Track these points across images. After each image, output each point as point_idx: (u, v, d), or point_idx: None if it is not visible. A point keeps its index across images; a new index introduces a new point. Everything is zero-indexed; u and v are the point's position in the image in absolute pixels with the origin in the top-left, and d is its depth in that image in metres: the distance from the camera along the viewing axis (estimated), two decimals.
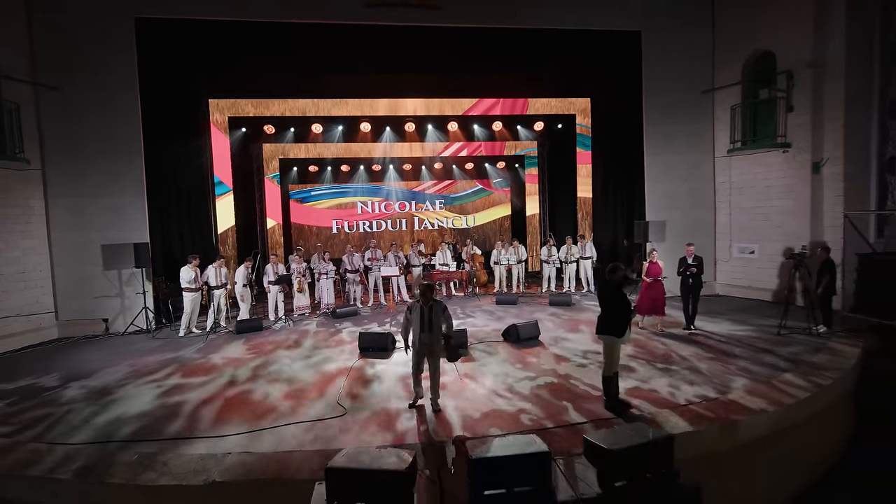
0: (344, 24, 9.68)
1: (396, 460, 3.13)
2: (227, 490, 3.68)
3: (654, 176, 10.78)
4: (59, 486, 3.81)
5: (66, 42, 8.71)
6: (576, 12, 10.05)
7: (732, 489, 4.38)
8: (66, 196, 8.93)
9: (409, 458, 3.16)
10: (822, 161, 9.07)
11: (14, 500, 3.86)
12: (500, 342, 7.44)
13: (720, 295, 10.69)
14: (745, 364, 6.10)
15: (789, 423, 4.90)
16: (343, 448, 3.43)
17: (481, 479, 3.11)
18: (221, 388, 5.84)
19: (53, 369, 6.82)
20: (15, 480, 3.90)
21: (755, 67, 10.12)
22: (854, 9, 8.62)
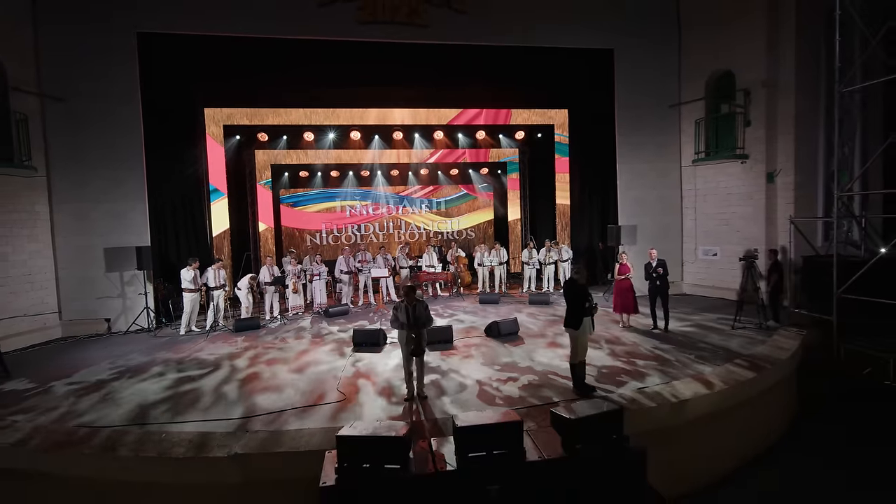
0: (336, 41, 10.28)
1: (394, 430, 3.77)
2: (246, 460, 4.28)
3: (626, 183, 11.59)
4: (107, 460, 4.36)
5: (71, 55, 9.16)
6: (554, 31, 10.80)
7: (680, 458, 5.10)
8: (70, 202, 9.38)
9: (405, 428, 3.80)
10: (775, 171, 9.96)
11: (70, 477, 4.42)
12: (482, 337, 8.12)
13: (687, 294, 11.52)
14: (699, 354, 6.87)
15: (732, 403, 5.66)
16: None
17: (465, 444, 3.77)
18: (232, 377, 6.41)
19: (99, 360, 7.32)
20: (77, 456, 4.45)
21: (717, 85, 10.99)
22: (803, 34, 9.52)
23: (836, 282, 7.61)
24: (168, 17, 9.50)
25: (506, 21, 10.61)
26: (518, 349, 7.41)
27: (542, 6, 10.69)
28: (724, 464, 5.62)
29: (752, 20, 10.06)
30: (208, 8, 9.61)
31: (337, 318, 10.05)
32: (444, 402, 5.39)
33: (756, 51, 10.04)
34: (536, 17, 10.70)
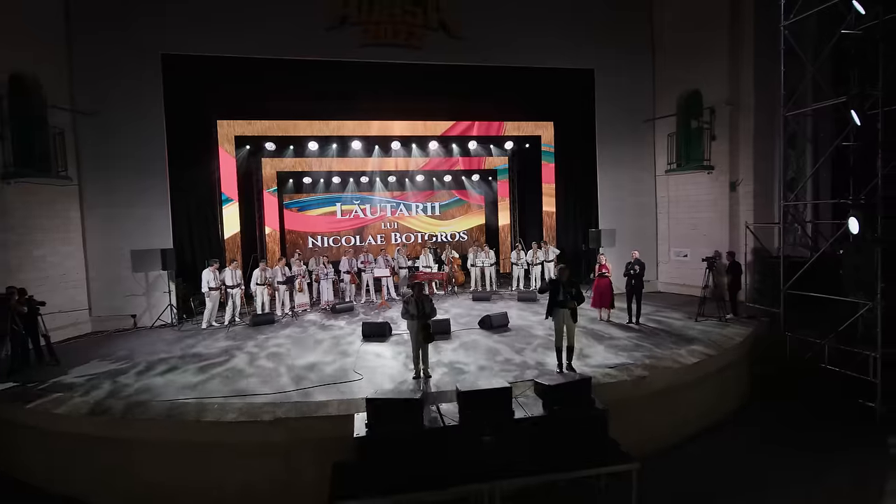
0: (342, 61, 11.25)
1: (410, 394, 4.80)
2: (286, 423, 5.27)
3: (606, 190, 12.71)
4: (176, 426, 5.34)
5: (101, 74, 10.02)
6: (540, 53, 11.86)
7: (642, 425, 6.16)
8: (99, 207, 10.25)
9: (418, 394, 4.83)
10: (737, 181, 11.13)
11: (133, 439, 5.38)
12: (476, 329, 9.16)
13: (661, 292, 12.65)
14: (664, 341, 7.97)
15: (687, 379, 6.76)
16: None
17: (466, 405, 4.80)
18: (262, 361, 7.39)
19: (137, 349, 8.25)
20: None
21: (687, 102, 12.15)
22: (760, 58, 10.65)
23: (783, 279, 8.75)
24: (190, 40, 10.41)
25: (496, 43, 11.63)
26: (508, 338, 8.47)
27: (528, 31, 11.74)
28: (679, 431, 6.71)
29: (716, 45, 11.21)
30: (225, 32, 10.52)
31: (343, 315, 11.03)
32: (446, 379, 6.42)
33: (720, 72, 11.21)
34: (524, 41, 11.75)
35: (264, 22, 10.69)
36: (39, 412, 5.81)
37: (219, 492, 5.33)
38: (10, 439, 6.19)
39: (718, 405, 7.39)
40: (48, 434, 5.85)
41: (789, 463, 6.20)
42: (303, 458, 5.30)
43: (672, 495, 5.58)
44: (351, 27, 11.04)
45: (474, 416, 4.79)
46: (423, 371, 6.55)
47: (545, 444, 4.86)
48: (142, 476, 5.50)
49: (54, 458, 5.89)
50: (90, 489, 5.71)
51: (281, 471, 5.31)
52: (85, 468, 5.74)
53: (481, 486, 4.69)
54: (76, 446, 5.75)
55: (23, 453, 6.12)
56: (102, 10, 9.97)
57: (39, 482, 6.00)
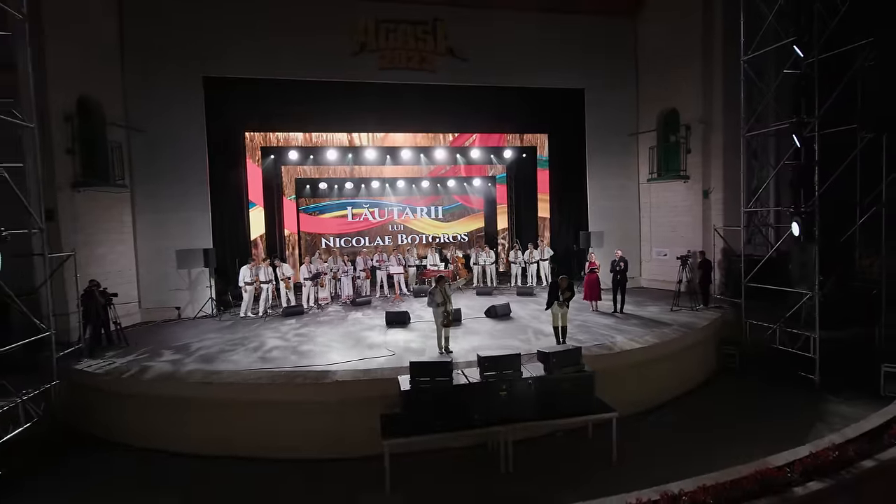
0: (361, 82, 12.65)
1: (442, 359, 6.24)
2: (344, 385, 6.69)
3: (595, 196, 14.22)
4: (250, 389, 6.74)
5: (150, 95, 11.35)
6: (537, 75, 13.32)
7: (628, 388, 7.62)
8: (148, 212, 11.58)
9: (449, 359, 6.27)
10: (709, 190, 12.69)
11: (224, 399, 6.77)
12: (483, 318, 10.61)
13: (644, 287, 14.17)
14: (643, 325, 9.48)
15: (659, 354, 8.25)
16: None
17: (485, 367, 6.25)
18: (303, 341, 8.79)
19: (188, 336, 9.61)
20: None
21: (666, 119, 13.71)
22: (729, 82, 12.15)
23: (743, 274, 10.28)
24: (227, 64, 11.75)
25: (497, 66, 13.10)
26: (511, 324, 9.94)
27: (526, 55, 13.20)
28: (657, 397, 8.19)
29: (690, 70, 12.78)
30: (257, 57, 11.82)
31: (362, 307, 12.44)
32: (463, 353, 7.86)
33: (693, 94, 12.77)
34: (522, 63, 13.21)
35: (292, 48, 12.05)
36: (132, 381, 7.19)
37: (286, 439, 6.73)
38: (105, 405, 7.54)
39: (689, 376, 8.91)
40: (137, 397, 7.22)
41: (744, 418, 7.70)
42: (353, 412, 6.71)
43: (645, 444, 7.04)
44: (370, 53, 12.47)
45: (491, 376, 6.23)
46: (445, 347, 7.99)
47: (546, 398, 6.31)
48: (219, 429, 6.87)
49: (142, 417, 7.24)
50: (170, 441, 7.03)
51: (336, 422, 6.73)
52: (169, 424, 7.09)
53: (498, 428, 6.14)
54: (162, 406, 7.12)
55: (115, 415, 7.46)
56: (151, 41, 11.29)
57: (126, 438, 7.30)
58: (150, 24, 11.29)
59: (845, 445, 4.69)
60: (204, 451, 6.88)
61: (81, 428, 7.54)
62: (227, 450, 6.79)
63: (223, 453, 6.79)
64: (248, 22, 11.75)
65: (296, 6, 12.00)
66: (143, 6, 11.27)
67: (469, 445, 6.72)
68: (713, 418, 7.80)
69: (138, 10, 11.27)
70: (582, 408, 6.42)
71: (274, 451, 6.68)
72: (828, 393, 8.39)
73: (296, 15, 12.00)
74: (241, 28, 11.71)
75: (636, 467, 6.13)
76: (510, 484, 6.14)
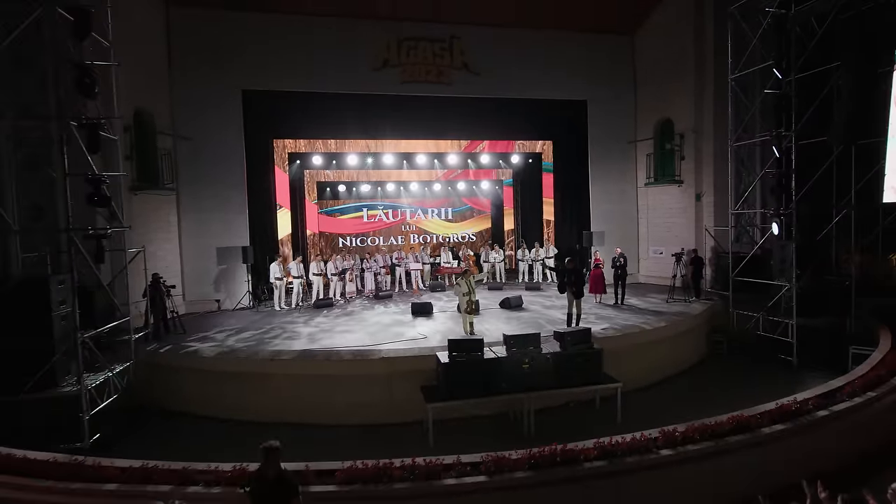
0: (383, 95, 13.82)
1: (475, 337, 7.40)
2: (390, 361, 7.85)
3: (596, 199, 15.44)
4: (307, 364, 7.88)
5: (195, 106, 12.48)
6: (543, 87, 14.53)
7: (629, 368, 8.77)
8: (192, 213, 12.70)
9: (481, 337, 7.44)
10: (701, 193, 13.92)
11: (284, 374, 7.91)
12: (498, 308, 11.79)
13: (642, 283, 15.36)
14: (641, 314, 10.67)
15: (657, 338, 9.44)
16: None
17: (510, 344, 7.42)
18: (343, 328, 9.94)
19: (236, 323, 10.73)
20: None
21: (661, 128, 14.94)
22: (718, 96, 13.38)
23: (731, 269, 11.50)
24: (264, 79, 12.91)
25: (507, 79, 14.29)
26: (524, 313, 11.14)
27: (534, 69, 14.37)
28: (655, 375, 9.38)
29: (684, 84, 14.00)
30: (291, 72, 13.01)
31: (384, 300, 13.58)
32: (488, 336, 9.03)
33: (687, 106, 14.00)
34: (530, 77, 14.41)
35: (321, 64, 13.21)
36: (201, 359, 8.32)
37: (340, 408, 7.87)
38: (174, 381, 8.65)
39: (683, 359, 10.12)
40: (207, 372, 8.35)
41: (730, 392, 8.87)
42: (398, 384, 7.86)
43: (645, 411, 8.21)
44: (392, 68, 13.64)
45: (516, 351, 7.40)
46: (469, 331, 9.16)
47: (562, 370, 7.49)
48: (280, 399, 8.00)
49: (206, 390, 8.36)
50: (234, 411, 8.15)
51: (383, 392, 7.88)
52: (232, 396, 8.22)
53: (522, 395, 7.31)
54: (225, 381, 8.24)
55: (183, 388, 8.56)
56: (195, 58, 12.42)
57: (190, 408, 8.39)
58: (194, 44, 12.42)
59: (805, 401, 5.89)
60: (263, 419, 7.96)
61: (152, 400, 8.64)
62: (286, 418, 7.88)
63: (282, 420, 7.88)
64: (283, 41, 12.90)
65: (326, 27, 13.16)
66: (188, 27, 12.39)
67: (494, 414, 7.86)
68: (704, 391, 9.00)
69: (184, 31, 12.39)
70: (592, 379, 7.59)
71: (330, 419, 7.80)
72: (803, 371, 9.60)
73: (326, 35, 13.16)
74: (276, 47, 12.85)
75: (638, 427, 7.26)
76: (532, 443, 7.27)
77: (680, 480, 4.89)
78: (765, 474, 5.10)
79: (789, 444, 5.37)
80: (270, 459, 3.64)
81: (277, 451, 3.65)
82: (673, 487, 4.86)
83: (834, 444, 5.66)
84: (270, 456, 3.64)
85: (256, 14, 12.76)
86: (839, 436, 5.64)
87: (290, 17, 12.95)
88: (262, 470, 3.70)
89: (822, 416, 5.66)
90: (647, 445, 4.94)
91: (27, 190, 8.00)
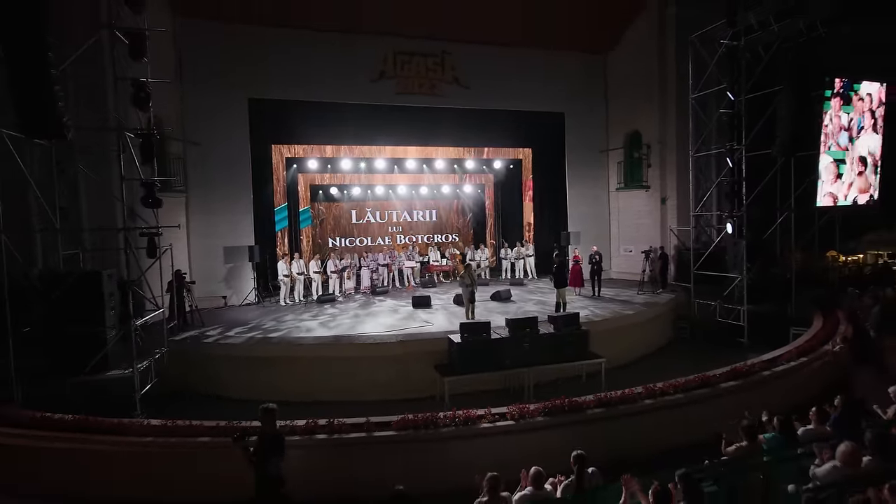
0: (377, 104, 14.88)
1: (482, 321, 8.61)
2: (405, 344, 8.95)
3: (573, 202, 16.93)
4: (333, 347, 8.90)
5: (204, 114, 13.22)
6: (526, 100, 15.87)
7: (609, 349, 10.13)
8: (201, 214, 13.42)
9: (488, 320, 8.65)
10: (665, 197, 15.58)
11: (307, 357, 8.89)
12: (490, 301, 13.04)
13: (614, 278, 16.91)
14: (616, 304, 12.13)
15: (630, 323, 10.89)
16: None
17: (512, 326, 8.66)
18: (353, 319, 10.96)
19: (245, 319, 11.55)
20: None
21: (631, 139, 16.57)
22: (680, 111, 15.05)
23: (692, 264, 13.11)
24: (268, 88, 13.76)
25: (493, 92, 15.57)
26: (512, 305, 12.44)
27: (517, 83, 15.71)
28: (630, 354, 10.80)
29: (650, 100, 15.64)
30: (293, 82, 13.90)
31: (381, 296, 14.62)
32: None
33: (653, 120, 15.65)
34: (514, 90, 15.71)
35: (321, 75, 14.17)
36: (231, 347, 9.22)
37: (359, 384, 8.91)
38: (206, 366, 9.49)
39: (652, 342, 11.62)
40: (241, 358, 9.24)
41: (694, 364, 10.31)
42: (412, 364, 8.96)
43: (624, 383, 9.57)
44: (388, 80, 14.73)
45: (517, 332, 8.64)
46: (471, 317, 10.37)
47: (556, 348, 8.77)
48: (307, 381, 8.98)
49: (239, 375, 9.25)
50: (263, 392, 9.04)
51: (400, 371, 8.97)
52: (264, 379, 9.13)
53: (523, 369, 8.54)
54: (258, 366, 9.16)
55: (221, 375, 9.41)
56: (204, 68, 13.18)
57: (220, 391, 9.25)
58: (203, 55, 13.17)
59: (753, 364, 7.37)
60: (292, 399, 8.88)
61: (186, 386, 9.45)
62: (315, 397, 8.84)
63: (310, 399, 8.85)
64: (287, 53, 13.78)
65: (329, 41, 14.14)
66: (197, 39, 13.13)
67: (497, 389, 9.05)
68: (672, 368, 10.34)
69: (193, 43, 13.12)
70: (581, 355, 8.92)
71: (353, 396, 8.80)
72: (754, 350, 11.20)
73: (329, 47, 14.14)
74: (281, 58, 13.72)
75: None
76: None
77: (659, 423, 6.23)
78: (722, 419, 6.48)
79: (741, 396, 6.80)
80: (268, 418, 4.63)
81: (274, 412, 4.67)
82: (654, 428, 6.19)
83: (777, 398, 7.13)
84: (268, 415, 4.64)
85: (264, 28, 13.60)
86: (780, 391, 7.12)
87: (297, 31, 13.86)
88: (261, 427, 4.66)
89: (766, 374, 7.15)
90: (633, 397, 6.26)
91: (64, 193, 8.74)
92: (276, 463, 4.49)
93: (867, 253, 17.46)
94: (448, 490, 4.84)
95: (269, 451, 4.50)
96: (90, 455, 5.66)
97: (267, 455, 4.48)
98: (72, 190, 10.17)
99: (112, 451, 5.58)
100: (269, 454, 4.49)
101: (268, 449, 4.51)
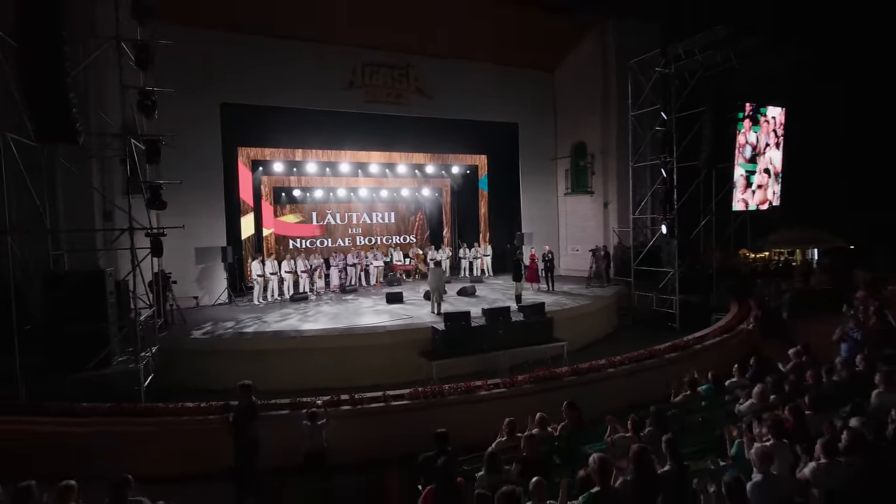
0: (349, 112, 15.64)
1: (462, 311, 9.73)
2: (393, 333, 9.89)
3: (526, 205, 18.47)
4: (326, 338, 9.67)
5: (177, 115, 13.37)
6: (483, 110, 17.21)
7: (567, 335, 11.58)
8: (174, 214, 13.50)
9: (468, 310, 9.78)
10: (607, 202, 17.44)
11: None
12: (456, 296, 14.18)
13: (563, 275, 18.58)
14: (568, 297, 13.66)
15: (581, 313, 12.42)
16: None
17: (489, 315, 9.84)
18: (331, 314, 11.71)
19: (222, 317, 11.92)
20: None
21: (577, 149, 18.34)
22: (620, 126, 16.95)
23: (633, 261, 14.95)
24: (240, 93, 14.17)
25: (453, 103, 16.78)
26: (477, 300, 13.65)
27: (475, 95, 17.01)
28: (585, 339, 12.31)
29: (593, 113, 17.47)
30: (265, 88, 14.40)
31: (351, 294, 15.37)
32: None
33: (596, 133, 17.48)
34: (472, 102, 17.00)
35: (292, 82, 14.74)
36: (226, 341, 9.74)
37: (353, 373, 9.74)
38: (195, 362, 9.92)
39: (601, 329, 13.22)
40: (234, 352, 9.78)
41: (636, 347, 12.03)
42: (399, 351, 9.90)
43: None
44: (357, 89, 15.54)
45: (492, 320, 9.83)
46: (437, 311, 11.48)
47: (525, 333, 10.05)
48: (301, 369, 9.68)
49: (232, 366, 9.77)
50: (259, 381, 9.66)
51: (387, 358, 9.88)
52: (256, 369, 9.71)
53: (498, 352, 9.73)
54: (248, 359, 9.73)
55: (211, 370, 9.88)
56: (179, 74, 13.38)
57: (211, 385, 9.66)
58: (179, 60, 13.36)
59: (689, 339, 9.01)
60: (287, 388, 9.60)
61: (176, 381, 9.83)
62: (308, 385, 9.59)
63: (306, 387, 9.58)
64: (260, 61, 14.25)
65: (298, 50, 14.73)
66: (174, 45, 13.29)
67: (476, 371, 10.16)
68: (620, 350, 12.04)
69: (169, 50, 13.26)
70: (547, 339, 10.24)
71: (345, 383, 9.59)
72: (684, 332, 13.08)
73: (300, 57, 14.74)
74: (255, 64, 14.19)
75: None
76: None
77: (619, 387, 7.65)
78: (667, 384, 8.00)
79: (680, 365, 8.35)
80: (245, 392, 5.66)
81: (250, 387, 5.77)
82: (615, 391, 7.59)
83: (709, 365, 8.71)
84: (245, 390, 5.68)
85: (241, 35, 14.01)
86: (710, 360, 8.77)
87: (274, 40, 14.40)
88: (240, 400, 5.72)
89: (699, 347, 8.80)
90: (599, 367, 7.67)
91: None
92: (255, 427, 5.58)
93: (771, 251, 20.30)
94: (457, 445, 5.89)
95: (246, 418, 5.56)
96: (135, 436, 6.21)
97: (245, 422, 5.53)
98: (51, 190, 10.29)
99: (152, 432, 6.15)
100: (247, 420, 5.55)
101: (246, 416, 5.54)
